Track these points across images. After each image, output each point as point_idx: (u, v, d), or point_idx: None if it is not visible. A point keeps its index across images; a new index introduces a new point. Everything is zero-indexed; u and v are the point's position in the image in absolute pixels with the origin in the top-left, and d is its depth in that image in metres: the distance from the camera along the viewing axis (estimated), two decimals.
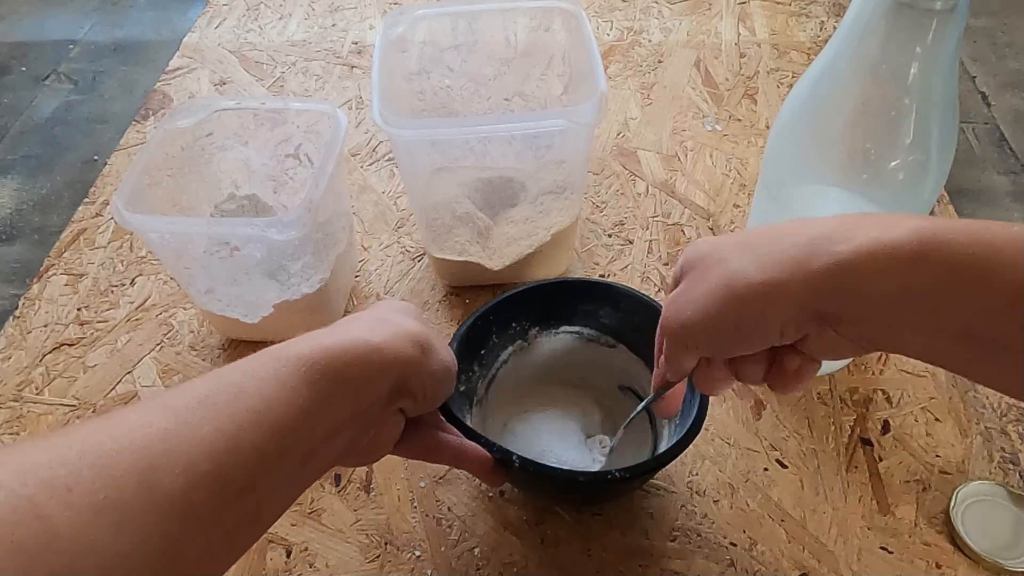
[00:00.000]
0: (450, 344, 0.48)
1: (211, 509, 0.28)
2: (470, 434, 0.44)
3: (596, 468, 0.50)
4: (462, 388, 0.49)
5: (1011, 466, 0.54)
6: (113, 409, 0.56)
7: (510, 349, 0.54)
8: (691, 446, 0.54)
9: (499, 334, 0.53)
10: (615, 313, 0.53)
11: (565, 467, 0.48)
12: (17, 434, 0.56)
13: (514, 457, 0.43)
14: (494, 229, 0.62)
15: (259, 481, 0.30)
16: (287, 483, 0.33)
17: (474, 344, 0.51)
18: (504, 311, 0.52)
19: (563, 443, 0.52)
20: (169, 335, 0.62)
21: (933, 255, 0.29)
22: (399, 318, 0.40)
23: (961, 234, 0.29)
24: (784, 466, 0.54)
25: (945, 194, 0.75)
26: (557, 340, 0.55)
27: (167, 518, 0.26)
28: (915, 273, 0.29)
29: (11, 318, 0.64)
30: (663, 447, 0.49)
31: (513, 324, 0.54)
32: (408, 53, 0.63)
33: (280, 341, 0.60)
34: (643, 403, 0.47)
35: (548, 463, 0.45)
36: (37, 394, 0.59)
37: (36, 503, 0.24)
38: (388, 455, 0.41)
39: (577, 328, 0.55)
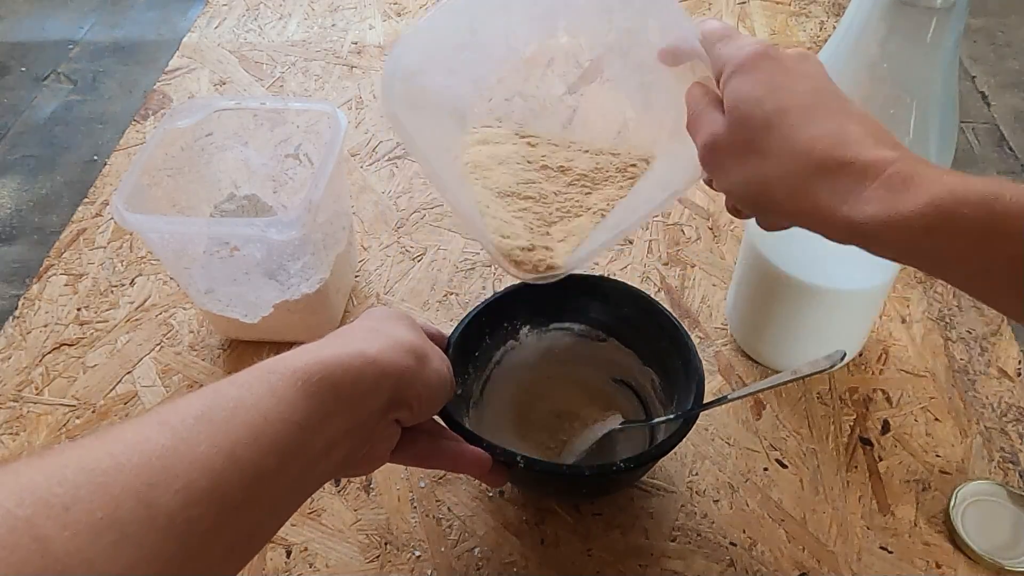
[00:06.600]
0: (447, 349, 0.48)
1: (210, 526, 0.27)
2: (471, 438, 0.44)
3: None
4: (459, 391, 0.49)
5: (1011, 466, 0.54)
6: (107, 423, 0.56)
7: (502, 349, 0.54)
8: (691, 446, 0.55)
9: (491, 335, 0.53)
10: (604, 307, 0.54)
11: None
12: (17, 434, 0.56)
13: (518, 457, 0.43)
14: None
15: (257, 496, 0.29)
16: (285, 497, 0.32)
17: (468, 347, 0.51)
18: (495, 312, 0.52)
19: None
20: (169, 335, 0.62)
21: (942, 228, 0.30)
22: (393, 328, 0.39)
23: (971, 205, 0.30)
24: (784, 466, 0.54)
25: None
26: (548, 337, 0.55)
27: (166, 536, 0.26)
28: (925, 239, 0.31)
29: (11, 318, 0.64)
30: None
31: (504, 324, 0.54)
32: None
33: (280, 341, 0.61)
34: None
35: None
36: (37, 394, 0.59)
37: (33, 523, 0.23)
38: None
39: (567, 324, 0.55)
